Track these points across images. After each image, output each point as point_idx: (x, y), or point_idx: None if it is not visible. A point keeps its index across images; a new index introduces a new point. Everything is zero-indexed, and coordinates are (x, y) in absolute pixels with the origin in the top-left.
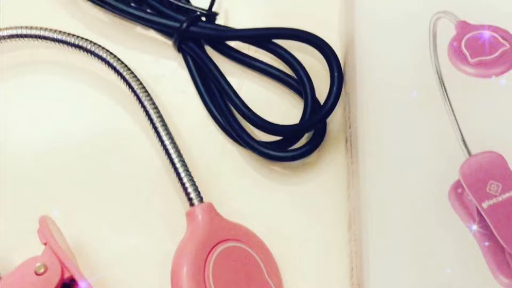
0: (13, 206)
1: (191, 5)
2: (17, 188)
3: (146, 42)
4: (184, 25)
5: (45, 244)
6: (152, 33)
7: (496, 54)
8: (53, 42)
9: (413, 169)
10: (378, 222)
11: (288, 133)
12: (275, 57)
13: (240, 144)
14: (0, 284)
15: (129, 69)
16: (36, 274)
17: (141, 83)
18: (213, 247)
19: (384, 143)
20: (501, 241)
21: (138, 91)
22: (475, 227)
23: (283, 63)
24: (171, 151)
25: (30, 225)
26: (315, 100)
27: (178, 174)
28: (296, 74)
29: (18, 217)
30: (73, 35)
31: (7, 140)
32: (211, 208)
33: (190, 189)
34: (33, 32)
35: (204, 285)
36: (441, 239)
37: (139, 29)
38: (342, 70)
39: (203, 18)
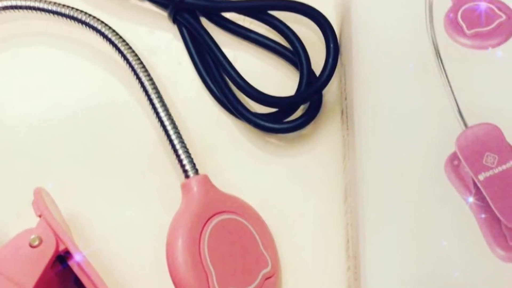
0: (8, 178)
1: None
2: (12, 160)
3: (141, 14)
4: None
5: (39, 216)
6: (147, 5)
7: (493, 25)
8: (47, 14)
9: (409, 141)
10: (374, 194)
11: (284, 105)
12: (270, 29)
13: (236, 116)
14: None
15: (124, 40)
16: (31, 246)
17: (136, 55)
18: (208, 219)
19: (380, 115)
20: (497, 213)
21: (133, 63)
22: (471, 199)
23: (278, 35)
24: (166, 123)
25: (24, 198)
26: (310, 71)
27: (173, 146)
28: (291, 46)
29: (12, 189)
30: (68, 6)
31: (1, 112)
32: (206, 180)
33: (185, 161)
34: (28, 3)
35: (199, 257)
36: (437, 211)
37: (134, 1)
38: (338, 41)
39: None
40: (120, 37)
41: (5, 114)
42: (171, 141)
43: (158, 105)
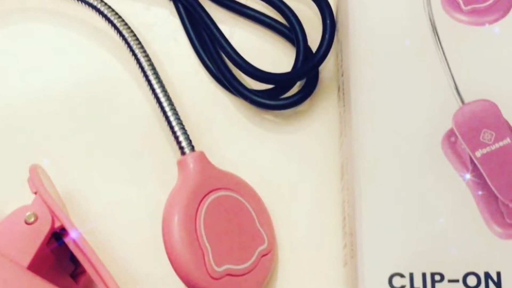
0: (3, 155)
1: None
2: (7, 137)
3: None
4: None
5: (35, 193)
6: None
7: (490, 1)
8: None
9: (406, 117)
10: (371, 171)
11: (280, 81)
12: (267, 5)
13: (232, 93)
14: None
15: (120, 17)
16: (26, 223)
17: (132, 31)
18: (204, 196)
19: (376, 92)
20: (494, 190)
21: (129, 40)
22: (468, 176)
23: (275, 11)
24: (162, 99)
25: (20, 175)
26: (307, 48)
27: (169, 123)
28: (288, 22)
29: (8, 166)
30: None
31: None
32: (202, 157)
33: (181, 138)
34: None
35: (195, 234)
36: (434, 188)
37: None
38: (335, 17)
39: None
40: (116, 13)
41: (0, 90)
42: (167, 117)
43: (154, 81)
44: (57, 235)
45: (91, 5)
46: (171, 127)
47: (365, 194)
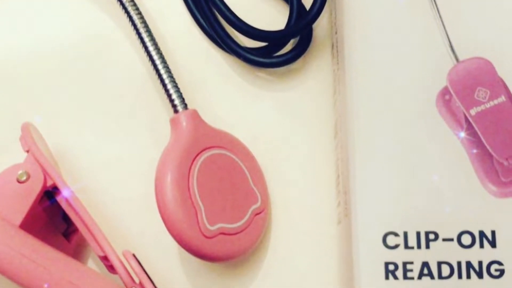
0: None
1: None
2: None
3: None
4: None
5: (27, 151)
6: None
7: None
8: None
9: (400, 75)
10: (365, 128)
11: (274, 38)
12: None
13: (225, 50)
14: None
15: None
16: (18, 181)
17: None
18: (197, 154)
19: (370, 49)
20: (489, 148)
21: None
22: (463, 134)
23: None
24: (155, 57)
25: (12, 133)
26: (300, 5)
27: (162, 81)
28: None
29: None
30: None
31: None
32: (195, 115)
33: (174, 96)
34: None
35: (188, 192)
36: (428, 145)
37: None
38: None
39: None
40: None
41: None
42: (160, 75)
43: (146, 39)
44: (49, 194)
45: None
46: (164, 85)
47: (359, 152)
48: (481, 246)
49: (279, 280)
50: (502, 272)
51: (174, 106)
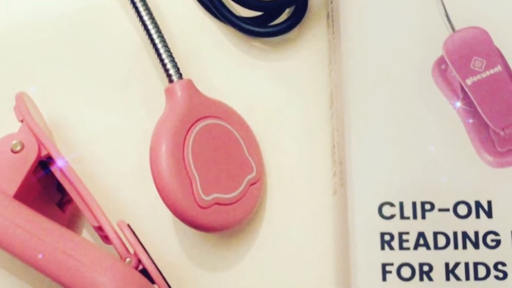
0: None
1: None
2: None
3: None
4: None
5: (21, 121)
6: None
7: None
8: None
9: (395, 44)
10: (360, 98)
11: (269, 8)
12: None
13: (220, 20)
14: None
15: None
16: (13, 151)
17: None
18: (192, 124)
19: (366, 19)
20: (485, 118)
21: None
22: (459, 104)
23: None
24: (150, 27)
25: (6, 102)
26: None
27: (156, 50)
28: None
29: None
30: None
31: None
32: (190, 85)
33: (169, 65)
34: None
35: (183, 162)
36: (425, 116)
37: None
38: None
39: None
40: None
41: None
42: (154, 45)
43: (141, 8)
44: (44, 164)
45: None
46: (159, 55)
47: (354, 122)
48: (477, 216)
49: (274, 250)
50: (498, 242)
51: (169, 76)
